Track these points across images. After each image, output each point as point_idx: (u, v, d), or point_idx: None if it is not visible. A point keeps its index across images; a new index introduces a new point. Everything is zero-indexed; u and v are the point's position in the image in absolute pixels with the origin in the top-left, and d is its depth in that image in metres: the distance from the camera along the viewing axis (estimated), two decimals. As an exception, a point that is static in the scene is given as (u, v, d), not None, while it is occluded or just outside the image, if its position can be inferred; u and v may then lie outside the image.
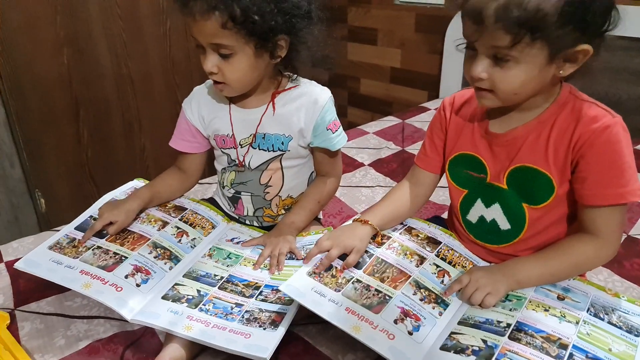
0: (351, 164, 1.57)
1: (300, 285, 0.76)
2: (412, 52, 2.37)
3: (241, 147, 0.97)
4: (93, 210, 0.95)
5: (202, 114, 0.98)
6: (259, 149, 0.96)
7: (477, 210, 0.86)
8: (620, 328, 0.71)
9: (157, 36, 1.93)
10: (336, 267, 0.80)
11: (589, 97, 0.77)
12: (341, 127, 0.97)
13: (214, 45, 0.83)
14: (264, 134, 0.95)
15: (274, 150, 0.96)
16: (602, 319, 0.73)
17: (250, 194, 1.00)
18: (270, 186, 0.99)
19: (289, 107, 0.94)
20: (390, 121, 1.98)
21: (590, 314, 0.73)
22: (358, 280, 0.78)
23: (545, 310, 0.74)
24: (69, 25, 1.68)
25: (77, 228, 0.92)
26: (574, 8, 0.64)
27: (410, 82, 2.43)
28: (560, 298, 0.76)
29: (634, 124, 0.73)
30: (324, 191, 1.01)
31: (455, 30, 2.09)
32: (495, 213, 0.84)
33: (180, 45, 1.99)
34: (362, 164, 1.57)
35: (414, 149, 1.68)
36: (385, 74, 2.53)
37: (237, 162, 0.98)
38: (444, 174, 0.92)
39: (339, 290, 0.76)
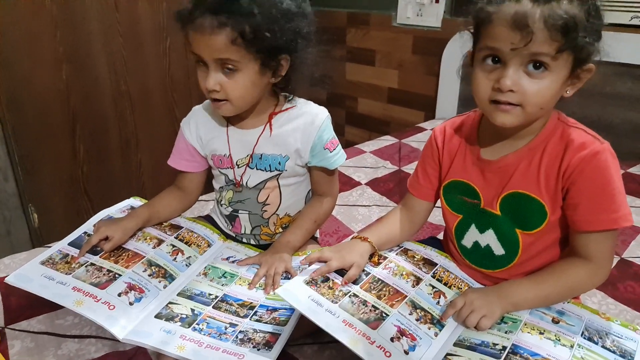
0: (348, 183, 1.57)
1: (297, 291, 0.76)
2: (409, 73, 2.40)
3: (238, 168, 0.97)
4: (87, 226, 0.95)
5: (200, 134, 0.99)
6: (257, 169, 0.96)
7: (472, 236, 0.86)
8: (614, 352, 0.71)
9: (157, 53, 1.95)
10: (333, 280, 0.80)
11: (577, 122, 0.78)
12: (339, 146, 0.98)
13: (219, 60, 0.83)
14: (261, 155, 0.95)
15: (270, 171, 0.96)
16: (597, 343, 0.72)
17: (247, 212, 1.00)
18: (268, 204, 0.99)
19: (285, 128, 0.94)
20: (387, 141, 2.00)
21: (584, 338, 0.73)
22: (355, 295, 0.78)
23: (540, 333, 0.73)
24: (69, 41, 1.69)
25: (71, 244, 0.91)
26: (592, 21, 0.67)
27: (408, 102, 2.46)
28: (555, 321, 0.76)
29: (626, 148, 0.74)
30: (321, 211, 1.01)
31: (451, 53, 2.12)
32: (489, 239, 0.84)
33: (179, 63, 2.01)
34: (359, 183, 1.58)
35: (411, 168, 1.69)
36: (382, 94, 2.55)
37: (234, 181, 0.98)
38: (439, 199, 0.93)
39: (336, 302, 0.75)
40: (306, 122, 0.94)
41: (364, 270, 0.84)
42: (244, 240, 1.05)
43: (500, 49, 0.69)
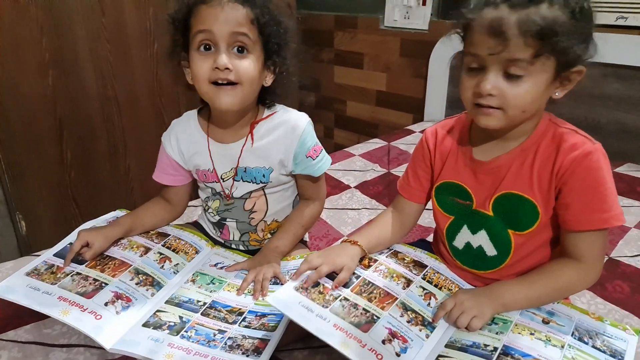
0: (337, 187, 1.57)
1: (287, 298, 0.75)
2: (397, 75, 2.41)
3: (224, 181, 0.96)
4: (72, 237, 0.93)
5: (181, 149, 0.97)
6: (242, 181, 0.96)
7: (464, 237, 0.87)
8: (604, 352, 0.72)
9: (144, 58, 1.93)
10: (324, 285, 0.79)
11: (568, 123, 0.79)
12: (323, 151, 0.97)
13: (235, 35, 0.81)
14: (245, 168, 0.94)
15: (256, 183, 0.95)
16: (587, 343, 0.73)
17: (235, 220, 1.00)
18: (255, 212, 0.98)
19: (267, 139, 0.93)
20: (375, 143, 2.00)
21: (575, 338, 0.73)
22: (345, 299, 0.78)
23: (531, 334, 0.74)
24: (55, 47, 1.68)
25: (56, 255, 0.89)
26: (577, 25, 0.67)
27: (396, 105, 2.47)
28: (545, 322, 0.77)
29: (613, 148, 0.75)
30: (308, 215, 1.00)
31: (439, 55, 2.14)
32: (481, 239, 0.84)
33: (167, 67, 1.99)
34: (348, 187, 1.58)
35: (400, 171, 1.70)
36: (371, 96, 2.56)
37: (222, 194, 0.98)
38: (429, 201, 0.93)
39: (327, 307, 0.75)
40: (287, 131, 0.93)
41: (354, 274, 0.83)
42: (233, 246, 1.04)
43: (480, 55, 0.70)
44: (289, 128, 0.93)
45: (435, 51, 2.15)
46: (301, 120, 0.94)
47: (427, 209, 0.96)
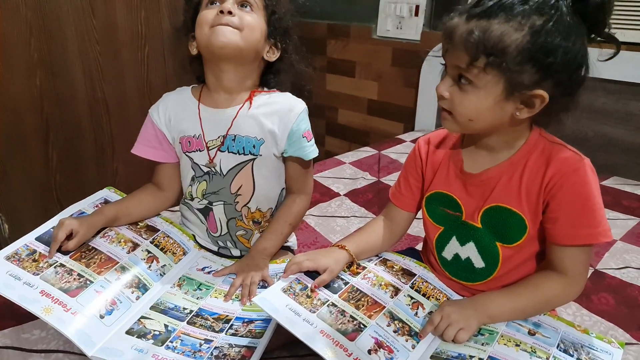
0: (327, 194, 1.57)
1: (275, 300, 0.74)
2: (388, 85, 2.42)
3: (209, 150, 0.95)
4: (55, 221, 0.89)
5: (169, 115, 0.96)
6: (228, 152, 0.94)
7: (452, 248, 0.87)
8: (589, 364, 0.72)
9: (135, 61, 1.92)
10: (311, 288, 0.79)
11: (558, 138, 0.79)
12: (313, 140, 0.97)
13: None
14: (235, 136, 0.93)
15: (244, 154, 0.94)
16: (572, 355, 0.73)
17: (222, 202, 0.98)
18: (240, 195, 0.97)
19: (264, 110, 0.93)
20: (366, 152, 2.00)
21: (560, 350, 0.73)
22: (333, 304, 0.77)
23: (517, 345, 0.73)
24: (44, 48, 1.66)
25: (38, 239, 0.85)
26: (535, 51, 0.66)
27: (387, 113, 2.48)
28: (531, 333, 0.77)
29: (600, 161, 0.76)
30: (294, 211, 0.99)
31: (430, 66, 2.15)
32: (469, 251, 0.84)
33: (157, 71, 1.99)
34: (337, 194, 1.58)
35: (390, 179, 1.70)
36: (362, 105, 2.57)
37: (205, 166, 0.96)
38: (419, 210, 0.93)
39: (314, 312, 0.74)
40: (284, 108, 0.94)
41: (342, 280, 0.83)
42: (220, 243, 1.02)
43: (443, 58, 0.74)
44: (287, 105, 0.94)
45: (426, 61, 2.17)
46: (299, 104, 0.96)
47: (416, 219, 0.95)
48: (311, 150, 0.96)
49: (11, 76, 1.62)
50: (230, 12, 0.85)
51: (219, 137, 0.94)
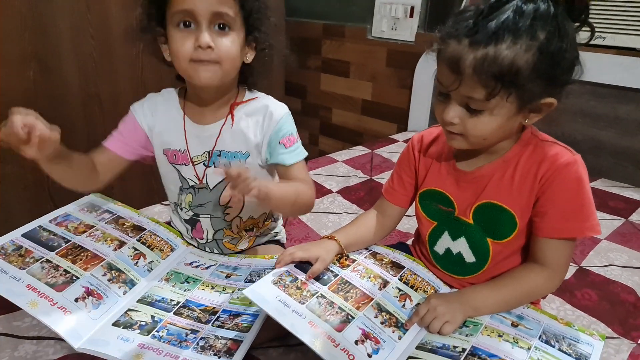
0: (319, 191, 1.58)
1: (264, 292, 0.76)
2: (382, 85, 2.44)
3: (195, 165, 0.93)
4: (43, 220, 0.90)
5: (153, 122, 0.94)
6: (214, 167, 0.93)
7: (444, 243, 0.88)
8: (569, 355, 0.73)
9: (130, 57, 1.92)
10: (301, 280, 0.80)
11: (549, 136, 0.81)
12: (298, 143, 0.93)
13: (216, 15, 0.79)
14: (220, 151, 0.92)
15: None
16: (553, 346, 0.74)
17: (209, 215, 0.97)
18: (230, 207, 0.96)
19: (246, 122, 0.91)
20: (359, 151, 2.02)
21: (541, 341, 0.75)
22: (322, 296, 0.78)
23: (499, 336, 0.75)
24: (38, 42, 1.66)
25: (24, 235, 0.86)
26: (544, 65, 0.67)
27: (381, 114, 2.49)
28: (514, 325, 0.78)
29: (588, 163, 0.77)
30: (302, 188, 0.89)
31: (424, 67, 2.17)
32: (461, 246, 0.86)
33: (152, 67, 1.98)
34: (330, 191, 1.59)
35: (382, 178, 1.72)
36: (356, 105, 2.59)
37: (193, 180, 0.94)
38: (411, 205, 0.94)
39: (303, 303, 0.76)
40: (265, 115, 0.91)
41: (332, 272, 0.84)
42: (207, 249, 1.01)
43: (444, 87, 0.72)
44: (268, 113, 0.91)
45: (420, 62, 2.19)
46: (280, 108, 0.93)
47: (407, 215, 0.97)
48: (290, 156, 0.91)
49: (4, 70, 1.62)
50: (209, 47, 0.80)
51: (204, 152, 0.92)
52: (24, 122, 0.71)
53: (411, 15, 2.22)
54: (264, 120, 0.91)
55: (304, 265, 0.83)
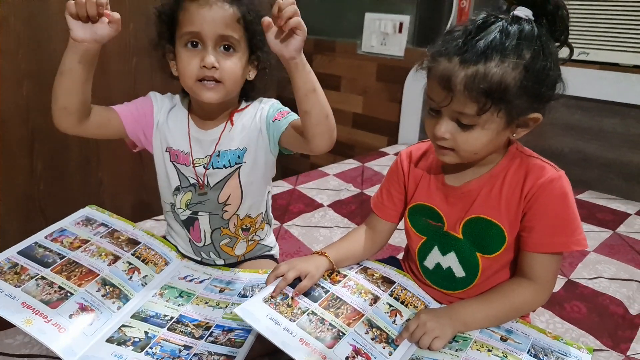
0: (310, 204, 1.59)
1: (255, 310, 0.76)
2: (373, 99, 2.47)
3: (195, 167, 0.96)
4: (39, 237, 0.90)
5: (163, 119, 0.97)
6: (213, 168, 0.96)
7: (434, 258, 0.89)
8: (558, 368, 0.75)
9: (123, 73, 1.93)
10: (292, 297, 0.81)
11: (533, 152, 0.83)
12: (290, 111, 0.96)
13: (221, 37, 0.85)
14: (219, 152, 0.95)
15: (230, 166, 0.96)
16: (542, 360, 0.76)
17: (207, 213, 0.99)
18: (229, 204, 0.98)
19: (242, 122, 0.96)
20: (350, 164, 2.04)
21: (530, 355, 0.76)
22: (313, 313, 0.79)
23: (489, 350, 0.76)
24: (32, 59, 1.67)
25: (20, 253, 0.86)
26: (530, 82, 0.70)
27: (371, 127, 2.52)
28: (504, 339, 0.79)
29: (575, 176, 0.80)
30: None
31: (413, 81, 2.21)
32: (450, 261, 0.87)
33: (145, 82, 2.00)
34: (321, 205, 1.60)
35: (372, 191, 1.73)
36: (347, 118, 2.61)
37: (193, 178, 0.97)
38: (401, 221, 0.96)
39: (294, 321, 0.76)
40: (258, 108, 0.97)
41: (323, 288, 0.85)
42: (204, 255, 1.03)
43: (435, 103, 0.75)
44: (260, 105, 0.97)
45: (410, 77, 2.22)
46: (270, 99, 0.99)
47: (397, 229, 0.98)
48: (292, 117, 0.93)
49: (-2, 86, 1.63)
50: (214, 67, 0.84)
51: (205, 156, 0.96)
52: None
53: (400, 31, 2.25)
54: (257, 111, 0.96)
55: (293, 281, 0.84)
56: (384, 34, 2.31)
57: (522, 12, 0.72)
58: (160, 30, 0.91)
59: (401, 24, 2.24)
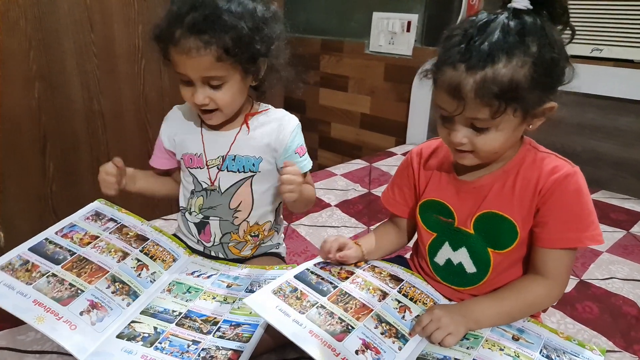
0: (318, 204, 1.59)
1: (265, 301, 0.77)
2: (381, 99, 2.46)
3: (209, 168, 0.98)
4: (49, 233, 0.91)
5: (173, 135, 1.02)
6: (227, 171, 0.97)
7: (445, 253, 0.89)
8: (570, 369, 0.73)
9: (131, 74, 1.95)
10: (301, 290, 0.81)
11: (547, 149, 0.82)
12: (307, 154, 1.02)
13: (206, 78, 0.86)
14: (235, 156, 0.97)
15: (244, 172, 0.97)
16: (554, 360, 0.75)
17: (218, 218, 1.01)
18: (240, 211, 1.00)
19: (260, 131, 0.98)
20: (358, 164, 2.03)
21: (542, 355, 0.75)
22: (322, 306, 0.79)
23: (501, 349, 0.75)
24: (43, 61, 1.69)
25: (31, 249, 0.86)
26: (541, 75, 0.69)
27: (379, 127, 2.51)
28: (515, 338, 0.79)
29: (588, 175, 0.78)
30: (311, 190, 1.03)
31: (421, 81, 2.19)
32: (462, 257, 0.86)
33: (153, 84, 2.01)
34: (328, 205, 1.60)
35: (380, 191, 1.72)
36: (355, 119, 2.61)
37: (206, 183, 0.99)
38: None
39: (303, 313, 0.76)
40: (280, 124, 0.98)
41: (331, 283, 0.85)
42: (212, 253, 1.05)
43: (447, 112, 0.74)
44: (283, 122, 0.98)
45: (418, 77, 2.21)
46: (292, 120, 1.00)
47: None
48: (304, 165, 1.00)
49: (10, 88, 1.65)
50: (204, 105, 0.89)
51: (218, 157, 0.98)
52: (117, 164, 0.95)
53: (408, 30, 2.24)
54: (279, 128, 0.97)
55: (303, 276, 0.84)
56: (392, 33, 2.30)
57: (520, 2, 0.70)
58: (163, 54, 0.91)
59: (409, 23, 2.23)
